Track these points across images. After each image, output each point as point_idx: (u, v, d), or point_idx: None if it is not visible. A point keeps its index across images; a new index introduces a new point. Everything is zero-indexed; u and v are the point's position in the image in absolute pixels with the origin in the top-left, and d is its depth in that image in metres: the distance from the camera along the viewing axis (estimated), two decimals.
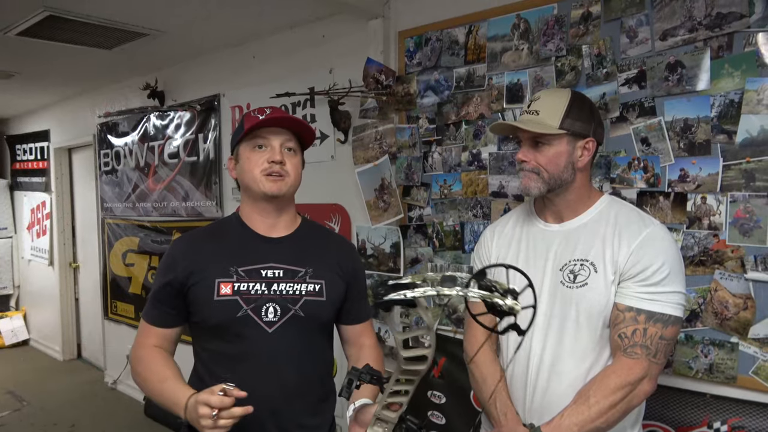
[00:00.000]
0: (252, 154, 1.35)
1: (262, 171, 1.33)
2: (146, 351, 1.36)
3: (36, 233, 5.71)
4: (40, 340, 5.83)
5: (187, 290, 1.33)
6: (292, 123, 1.37)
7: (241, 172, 1.38)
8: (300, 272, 1.37)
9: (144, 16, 2.77)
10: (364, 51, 2.52)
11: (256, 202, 1.38)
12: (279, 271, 1.35)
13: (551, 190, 1.34)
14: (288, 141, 1.37)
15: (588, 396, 1.24)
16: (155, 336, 1.37)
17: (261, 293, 1.32)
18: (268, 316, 1.31)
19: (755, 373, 1.59)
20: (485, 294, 0.88)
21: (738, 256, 1.61)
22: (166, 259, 1.38)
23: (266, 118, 1.32)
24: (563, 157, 1.32)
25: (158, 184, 3.99)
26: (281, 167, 1.33)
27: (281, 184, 1.34)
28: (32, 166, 5.68)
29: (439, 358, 2.39)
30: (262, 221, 1.39)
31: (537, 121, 1.32)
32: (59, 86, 4.46)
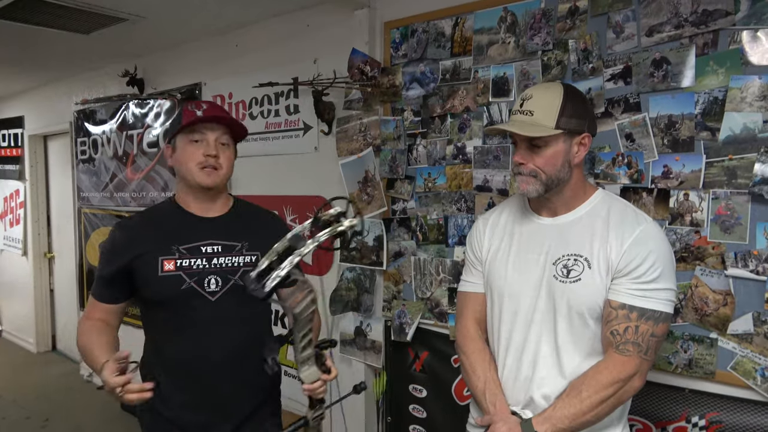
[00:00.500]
0: (188, 146, 1.47)
1: (198, 164, 1.46)
2: (89, 323, 1.50)
3: (9, 222, 5.57)
4: (14, 332, 5.70)
5: (132, 271, 1.46)
6: (227, 121, 1.51)
7: (177, 162, 1.51)
8: (237, 246, 1.52)
9: (123, 1, 2.69)
10: (349, 41, 2.48)
11: (191, 189, 1.52)
12: (217, 247, 1.50)
13: (549, 190, 1.33)
14: (222, 135, 1.50)
15: (580, 390, 1.25)
16: (101, 310, 1.52)
17: (202, 267, 1.46)
18: (210, 287, 1.46)
19: (733, 368, 1.61)
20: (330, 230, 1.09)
21: (719, 253, 1.62)
22: (109, 246, 1.51)
23: (204, 115, 1.46)
24: (560, 156, 1.31)
25: (137, 173, 3.91)
26: (215, 161, 1.47)
27: (215, 177, 1.48)
28: (5, 153, 5.52)
29: (420, 352, 2.38)
30: (198, 205, 1.53)
31: (532, 122, 1.30)
32: (34, 71, 4.33)
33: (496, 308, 1.43)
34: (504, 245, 1.44)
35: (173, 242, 1.47)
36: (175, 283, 1.44)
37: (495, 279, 1.43)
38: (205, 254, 1.48)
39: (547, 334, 1.33)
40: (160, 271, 1.44)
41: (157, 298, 1.46)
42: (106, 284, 1.51)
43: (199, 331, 1.45)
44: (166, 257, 1.44)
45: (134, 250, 1.45)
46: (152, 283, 1.44)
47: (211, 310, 1.45)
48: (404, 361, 2.44)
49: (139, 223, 1.56)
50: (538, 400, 1.32)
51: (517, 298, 1.37)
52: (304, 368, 1.27)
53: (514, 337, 1.38)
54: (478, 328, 1.48)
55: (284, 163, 2.93)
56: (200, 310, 1.45)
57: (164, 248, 1.46)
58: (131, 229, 1.53)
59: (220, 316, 1.46)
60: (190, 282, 1.44)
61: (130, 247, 1.46)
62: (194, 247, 1.48)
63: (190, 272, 1.45)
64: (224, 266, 1.48)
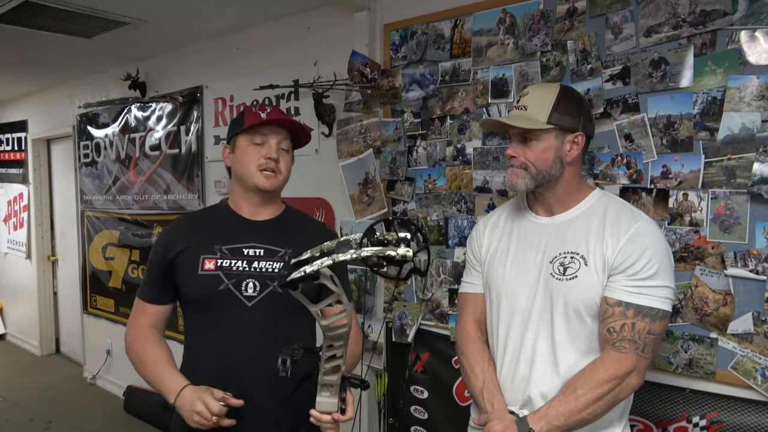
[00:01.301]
0: (250, 148, 1.44)
1: (258, 166, 1.43)
2: (142, 332, 1.47)
3: (13, 225, 5.60)
4: (17, 335, 5.72)
5: (176, 267, 1.44)
6: (291, 125, 1.49)
7: (236, 162, 1.48)
8: (280, 252, 1.46)
9: (125, 4, 2.71)
10: (349, 44, 2.49)
11: (247, 192, 1.48)
12: (260, 250, 1.45)
13: (539, 186, 1.34)
14: (284, 140, 1.47)
15: (576, 387, 1.25)
16: (149, 313, 1.48)
17: (242, 270, 1.42)
18: (247, 291, 1.41)
19: (734, 368, 1.61)
20: (377, 250, 0.95)
21: (718, 253, 1.62)
22: (161, 242, 1.49)
23: (269, 118, 1.43)
24: (551, 151, 1.32)
25: (139, 176, 3.93)
26: (276, 165, 1.44)
27: (274, 181, 1.45)
28: (9, 157, 5.55)
29: (421, 353, 2.38)
30: (249, 208, 1.50)
31: (525, 116, 1.32)
32: (37, 75, 4.36)
33: (495, 308, 1.43)
34: (503, 245, 1.45)
35: (217, 241, 1.44)
36: (212, 283, 1.40)
37: (493, 278, 1.44)
38: (246, 257, 1.43)
39: (544, 332, 1.33)
40: (200, 269, 1.41)
41: (193, 296, 1.44)
42: (154, 283, 1.48)
43: (232, 336, 1.40)
44: (208, 256, 1.42)
45: (180, 246, 1.44)
46: (191, 281, 1.42)
47: (246, 316, 1.40)
48: (405, 362, 2.44)
49: (188, 221, 1.56)
50: (536, 398, 1.32)
51: (514, 297, 1.38)
52: (323, 393, 1.17)
53: (512, 336, 1.38)
54: (478, 329, 1.49)
55: None
56: (235, 314, 1.40)
57: (207, 246, 1.43)
58: (181, 225, 1.53)
59: (255, 323, 1.40)
60: (227, 283, 1.40)
61: (177, 242, 1.45)
62: (236, 248, 1.44)
63: (229, 273, 1.41)
64: (264, 271, 1.43)
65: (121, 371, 4.23)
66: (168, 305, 1.50)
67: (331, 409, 1.20)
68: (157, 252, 1.48)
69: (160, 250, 1.47)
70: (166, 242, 1.47)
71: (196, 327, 1.47)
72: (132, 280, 4.07)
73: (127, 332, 1.50)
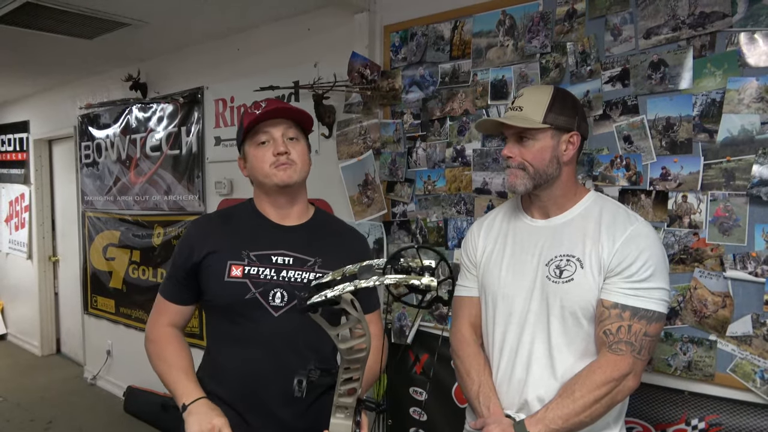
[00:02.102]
0: (257, 151, 1.39)
1: (272, 165, 1.37)
2: (162, 331, 1.44)
3: (14, 226, 5.61)
4: (18, 335, 5.73)
5: (201, 270, 1.38)
6: (288, 113, 1.40)
7: (251, 170, 1.43)
8: (309, 261, 1.40)
9: (126, 6, 2.71)
10: (349, 45, 2.50)
11: (269, 194, 1.43)
12: (289, 259, 1.39)
13: (537, 186, 1.34)
14: (288, 130, 1.40)
15: (573, 390, 1.25)
16: (171, 312, 1.44)
17: (270, 278, 1.36)
18: (275, 301, 1.36)
19: (732, 370, 1.60)
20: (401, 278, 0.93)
21: (717, 255, 1.62)
22: (185, 240, 1.44)
23: (262, 112, 1.36)
24: (548, 151, 1.32)
25: (140, 177, 3.94)
26: (287, 157, 1.37)
27: (291, 172, 1.38)
28: (11, 158, 5.57)
29: (420, 354, 2.38)
30: (276, 211, 1.44)
31: (521, 116, 1.33)
32: (39, 76, 4.37)
33: (490, 311, 1.43)
34: (498, 248, 1.44)
35: (244, 247, 1.38)
36: (239, 291, 1.35)
37: (489, 281, 1.43)
38: (274, 265, 1.38)
39: (540, 335, 1.33)
40: (226, 276, 1.35)
41: (219, 303, 1.38)
42: (179, 282, 1.43)
43: (256, 347, 1.35)
44: (235, 262, 1.36)
45: (208, 247, 1.38)
46: (217, 287, 1.36)
47: (272, 326, 1.35)
48: (404, 363, 2.44)
49: (215, 220, 1.50)
50: (532, 402, 1.32)
51: (510, 299, 1.38)
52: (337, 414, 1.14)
53: (508, 339, 1.38)
54: (473, 332, 1.48)
55: None
56: (261, 324, 1.35)
57: (235, 252, 1.37)
58: (207, 225, 1.47)
59: (281, 334, 1.35)
60: (255, 292, 1.35)
61: (203, 245, 1.39)
62: (265, 255, 1.38)
63: (257, 281, 1.35)
64: (293, 281, 1.37)
65: (122, 372, 4.24)
66: (190, 306, 1.47)
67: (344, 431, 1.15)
68: (181, 252, 1.42)
69: (184, 251, 1.41)
70: (191, 243, 1.41)
71: (219, 333, 1.42)
72: (132, 281, 4.08)
73: (148, 328, 1.47)
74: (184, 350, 1.42)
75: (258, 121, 1.37)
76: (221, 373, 1.39)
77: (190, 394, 1.31)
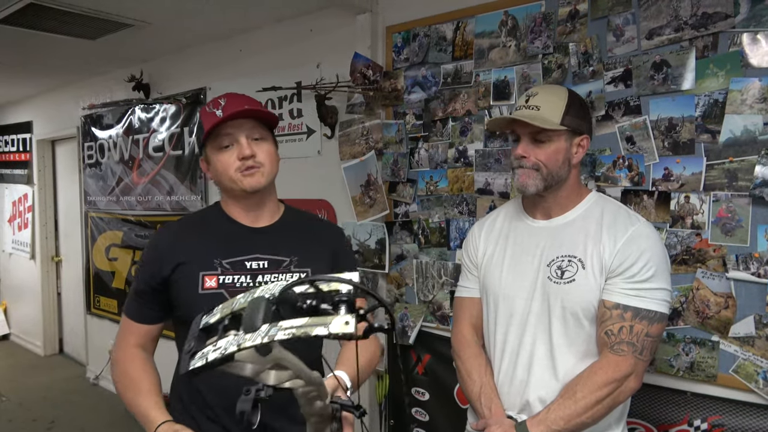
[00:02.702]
0: (221, 156, 1.30)
1: (237, 169, 1.29)
2: (126, 354, 1.33)
3: (17, 226, 5.62)
4: (21, 335, 5.74)
5: (171, 285, 1.30)
6: (250, 114, 1.31)
7: (216, 175, 1.34)
8: (285, 262, 1.34)
9: (129, 6, 2.72)
10: (351, 46, 2.50)
11: (237, 198, 1.36)
12: (263, 262, 1.33)
13: (547, 188, 1.34)
14: (253, 130, 1.32)
15: (575, 391, 1.25)
16: (137, 334, 1.34)
17: (246, 285, 1.29)
18: None
19: (735, 371, 1.60)
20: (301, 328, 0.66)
21: (720, 255, 1.62)
22: (150, 253, 1.35)
23: (225, 116, 1.27)
24: (561, 153, 1.32)
25: (142, 177, 3.94)
26: (253, 160, 1.29)
27: (258, 177, 1.30)
28: (14, 158, 5.58)
29: (423, 355, 2.38)
30: (246, 214, 1.37)
31: (539, 116, 1.31)
32: (42, 77, 4.38)
33: (492, 312, 1.43)
34: (499, 249, 1.44)
35: (216, 255, 1.31)
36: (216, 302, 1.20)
37: (490, 282, 1.43)
38: (249, 270, 1.31)
39: (542, 336, 1.33)
40: (200, 288, 1.27)
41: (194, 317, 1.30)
42: (145, 301, 1.34)
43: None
44: (208, 272, 1.29)
45: (174, 261, 1.29)
46: (191, 301, 1.27)
47: None
48: (407, 364, 2.44)
49: (181, 228, 1.40)
50: (534, 403, 1.32)
51: (511, 300, 1.38)
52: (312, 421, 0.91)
53: (509, 340, 1.38)
54: (474, 333, 1.48)
55: (287, 167, 2.90)
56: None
57: (206, 261, 1.30)
58: (174, 234, 1.37)
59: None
60: None
61: (170, 257, 1.30)
62: (238, 261, 1.31)
63: (233, 290, 1.28)
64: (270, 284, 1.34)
65: None
66: (159, 324, 1.37)
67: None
68: (147, 267, 1.34)
69: (151, 266, 1.32)
70: (156, 257, 1.32)
71: None
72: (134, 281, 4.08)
73: (114, 350, 1.38)
74: (149, 373, 1.32)
75: (219, 124, 1.28)
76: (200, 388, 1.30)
77: (155, 420, 1.23)
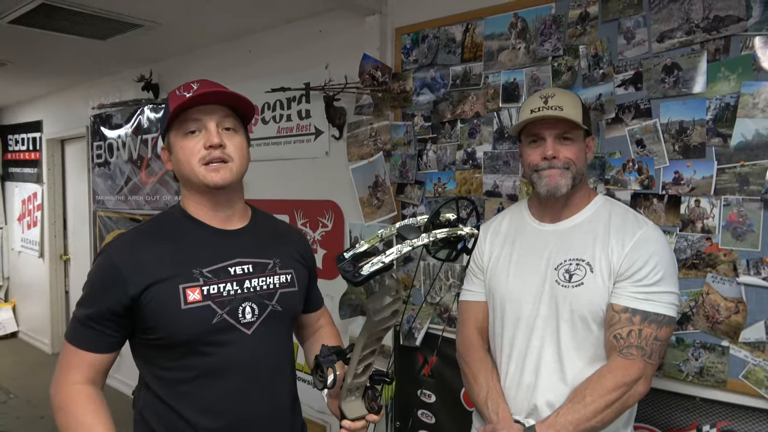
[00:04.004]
0: (185, 142, 1.15)
1: (200, 160, 1.15)
2: (71, 395, 1.13)
3: (27, 225, 5.66)
4: (29, 333, 5.78)
5: (142, 306, 1.12)
6: (226, 98, 1.17)
7: (177, 164, 1.19)
8: (269, 264, 1.25)
9: (139, 7, 2.74)
10: (360, 47, 2.50)
11: (201, 195, 1.21)
12: (248, 266, 1.21)
13: (573, 187, 1.35)
14: (225, 119, 1.17)
15: (584, 395, 1.24)
16: (87, 365, 1.14)
17: (234, 293, 1.17)
18: (245, 317, 1.18)
19: (745, 377, 1.59)
20: (450, 230, 0.97)
21: (730, 260, 1.61)
22: (106, 272, 1.14)
23: (194, 95, 1.12)
24: (583, 152, 1.36)
25: (151, 177, 3.96)
26: (222, 151, 1.15)
27: (225, 173, 1.16)
28: (24, 157, 5.63)
29: (429, 357, 2.38)
30: (215, 215, 1.22)
31: (566, 116, 1.30)
32: (53, 77, 4.41)
33: (498, 315, 1.42)
34: (505, 252, 1.44)
35: (193, 264, 1.16)
36: (203, 317, 1.13)
37: (496, 286, 1.43)
38: (234, 277, 1.18)
39: (549, 339, 1.32)
40: (183, 303, 1.12)
41: (177, 339, 1.13)
42: (104, 327, 1.14)
43: (234, 374, 1.16)
44: (189, 285, 1.13)
45: (146, 277, 1.12)
46: (173, 321, 1.12)
47: (248, 346, 1.17)
48: (413, 365, 2.44)
49: (143, 238, 1.20)
50: (542, 407, 1.31)
51: (518, 304, 1.37)
52: (349, 397, 1.09)
53: (517, 344, 1.37)
54: (480, 337, 1.48)
55: (295, 168, 2.95)
56: (236, 347, 1.16)
57: (184, 273, 1.14)
58: (134, 249, 1.16)
59: (255, 352, 1.18)
60: (221, 313, 1.15)
61: (139, 272, 1.12)
62: (220, 269, 1.18)
63: (221, 300, 1.15)
64: (259, 290, 1.21)
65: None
66: (116, 352, 1.18)
67: (362, 412, 1.12)
68: (105, 285, 1.13)
69: (111, 286, 1.12)
70: (119, 275, 1.12)
71: (177, 375, 1.16)
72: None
73: (53, 391, 1.14)
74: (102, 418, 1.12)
75: (188, 105, 1.13)
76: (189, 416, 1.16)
77: None
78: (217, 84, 1.20)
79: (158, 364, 1.19)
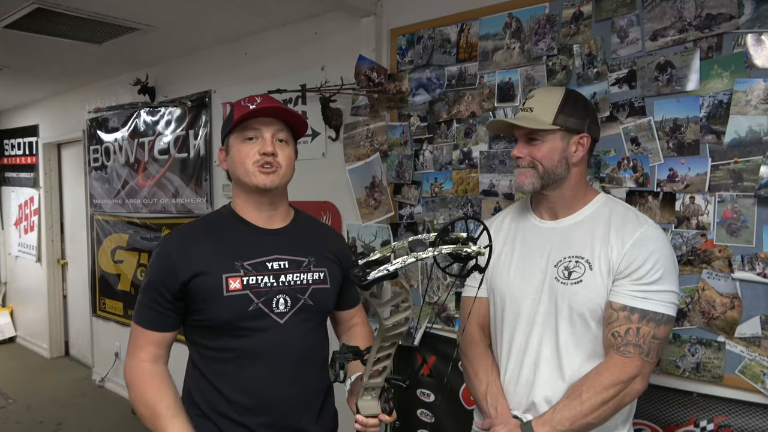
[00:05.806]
0: (243, 146, 1.33)
1: (254, 163, 1.31)
2: (141, 372, 1.31)
3: (24, 229, 5.66)
4: (27, 338, 5.77)
5: (190, 291, 1.29)
6: (283, 113, 1.35)
7: (232, 164, 1.36)
8: (304, 262, 1.39)
9: (135, 11, 2.74)
10: (356, 48, 2.51)
11: (249, 195, 1.37)
12: (284, 263, 1.36)
13: (545, 186, 1.35)
14: (279, 131, 1.35)
15: (581, 392, 1.25)
16: (153, 343, 1.32)
17: (270, 286, 1.32)
18: (279, 308, 1.32)
19: (741, 372, 1.60)
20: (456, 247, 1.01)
21: (725, 256, 1.62)
22: (162, 261, 1.32)
23: (257, 107, 1.30)
24: (557, 152, 1.33)
25: (148, 180, 3.96)
26: (273, 159, 1.32)
27: (274, 177, 1.32)
28: (20, 162, 5.62)
29: (428, 356, 2.39)
30: (259, 214, 1.38)
31: (531, 117, 1.34)
32: (49, 81, 4.41)
33: (499, 312, 1.43)
34: (506, 249, 1.45)
35: (236, 257, 1.32)
36: (241, 304, 1.29)
37: (497, 282, 1.44)
38: (271, 271, 1.33)
39: (548, 336, 1.33)
40: (225, 291, 1.28)
41: (218, 321, 1.29)
42: (162, 307, 1.31)
43: (265, 359, 1.31)
44: (231, 274, 1.29)
45: (194, 265, 1.29)
46: (215, 305, 1.28)
47: (280, 333, 1.31)
48: (412, 365, 2.44)
49: (195, 232, 1.38)
50: (540, 403, 1.32)
51: (518, 301, 1.38)
52: (365, 396, 1.18)
53: (516, 340, 1.38)
54: (482, 332, 1.49)
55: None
56: (269, 333, 1.30)
57: (227, 264, 1.30)
58: (187, 241, 1.34)
59: (290, 340, 1.32)
60: (257, 302, 1.30)
61: (189, 261, 1.29)
62: (259, 263, 1.33)
63: (258, 291, 1.31)
64: (293, 284, 1.34)
65: None
66: (175, 332, 1.36)
67: (375, 411, 1.20)
68: (161, 273, 1.31)
69: (166, 273, 1.30)
70: (173, 263, 1.30)
71: (217, 353, 1.32)
72: (141, 284, 4.10)
73: (126, 370, 1.34)
74: (166, 392, 1.31)
75: (251, 116, 1.31)
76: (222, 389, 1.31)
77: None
78: (277, 101, 1.39)
79: (203, 344, 1.34)
